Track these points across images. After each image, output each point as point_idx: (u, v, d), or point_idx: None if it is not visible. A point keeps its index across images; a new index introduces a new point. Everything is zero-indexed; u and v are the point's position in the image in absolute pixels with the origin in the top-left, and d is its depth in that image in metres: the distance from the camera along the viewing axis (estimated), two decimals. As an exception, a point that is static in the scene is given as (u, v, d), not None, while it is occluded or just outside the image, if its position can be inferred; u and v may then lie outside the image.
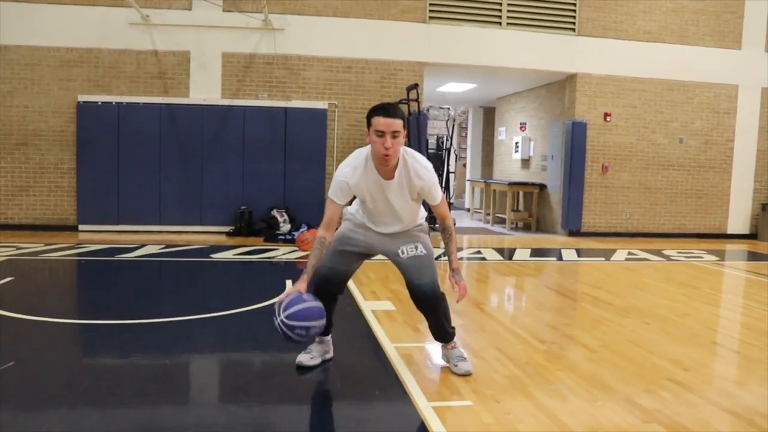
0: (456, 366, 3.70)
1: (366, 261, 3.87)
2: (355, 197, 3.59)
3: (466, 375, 3.64)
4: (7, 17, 9.70)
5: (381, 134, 3.27)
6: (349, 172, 3.42)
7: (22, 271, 6.83)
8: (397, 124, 3.27)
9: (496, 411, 3.20)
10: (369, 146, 3.40)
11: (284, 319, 3.32)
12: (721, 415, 3.23)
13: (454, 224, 3.78)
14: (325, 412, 3.44)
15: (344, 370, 3.82)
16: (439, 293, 3.60)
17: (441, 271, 4.36)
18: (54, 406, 3.17)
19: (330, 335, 3.86)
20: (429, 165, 3.53)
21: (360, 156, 3.45)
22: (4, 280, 6.08)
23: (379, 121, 3.27)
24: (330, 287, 3.61)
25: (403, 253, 3.61)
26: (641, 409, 3.28)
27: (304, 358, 3.75)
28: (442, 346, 3.82)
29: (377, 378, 3.79)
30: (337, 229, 3.56)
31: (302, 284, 3.41)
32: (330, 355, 3.89)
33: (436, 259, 3.83)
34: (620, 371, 3.90)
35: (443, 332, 3.75)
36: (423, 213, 3.75)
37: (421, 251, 3.62)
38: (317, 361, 3.78)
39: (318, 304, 3.41)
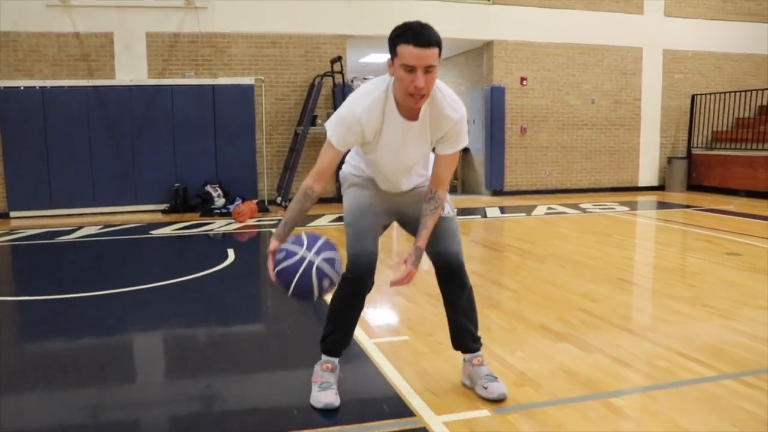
0: (485, 388, 2.84)
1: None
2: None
3: (501, 399, 2.81)
4: None
5: (411, 69, 2.45)
6: (363, 109, 2.56)
7: (-39, 258, 6.89)
8: (433, 54, 2.46)
9: (429, 342, 3.67)
10: (388, 78, 2.62)
11: (322, 261, 2.44)
12: (620, 334, 3.79)
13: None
14: (272, 369, 3.50)
15: (295, 313, 4.18)
16: (465, 268, 2.90)
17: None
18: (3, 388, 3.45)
19: (340, 356, 2.99)
20: (459, 100, 2.72)
21: (377, 89, 2.60)
22: (-52, 266, 6.17)
23: (409, 52, 2.44)
24: (369, 281, 2.77)
25: (425, 213, 2.73)
26: (554, 332, 3.81)
27: (332, 398, 2.81)
28: (466, 361, 3.00)
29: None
30: (324, 184, 2.64)
31: (276, 243, 2.53)
32: (338, 374, 2.98)
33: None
34: (537, 306, 4.44)
35: (469, 333, 2.99)
36: (431, 160, 2.87)
37: (448, 212, 2.86)
38: (339, 397, 2.84)
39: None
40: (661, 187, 13.02)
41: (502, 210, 10.16)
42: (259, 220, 9.28)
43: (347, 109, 2.58)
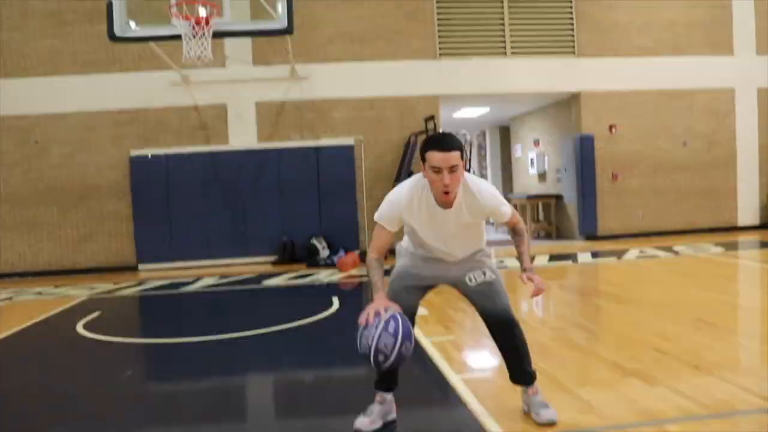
0: (538, 414, 3.29)
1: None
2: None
3: (550, 424, 3.24)
4: (67, 87, 10.98)
5: (438, 170, 3.00)
6: (404, 199, 3.15)
7: (104, 306, 7.89)
8: (455, 156, 2.99)
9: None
10: (418, 175, 3.21)
11: (406, 346, 3.01)
12: (687, 370, 4.09)
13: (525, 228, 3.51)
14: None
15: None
16: (514, 319, 3.36)
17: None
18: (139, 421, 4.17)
19: (392, 392, 3.42)
20: (490, 186, 3.30)
21: (417, 184, 3.17)
22: (94, 314, 7.15)
23: (435, 157, 2.99)
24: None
25: (471, 280, 3.34)
26: (624, 369, 4.17)
27: (364, 424, 3.31)
28: (523, 392, 3.43)
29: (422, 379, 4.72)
30: (385, 255, 3.26)
31: (382, 300, 3.10)
32: (393, 416, 3.41)
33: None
34: (612, 345, 4.79)
35: (521, 370, 3.39)
36: (485, 237, 3.48)
37: (491, 277, 3.37)
38: (378, 424, 3.33)
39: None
40: (764, 226, 12.76)
41: (594, 255, 10.38)
42: (360, 270, 9.96)
43: (392, 197, 3.20)
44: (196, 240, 11.28)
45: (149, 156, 11.20)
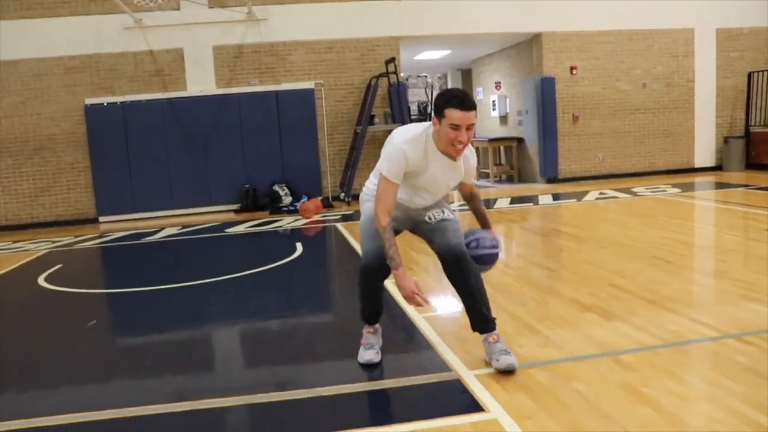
0: (498, 360, 3.25)
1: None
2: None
3: (508, 370, 3.22)
4: (14, 33, 10.53)
5: (456, 127, 3.10)
6: (409, 149, 3.20)
7: (66, 258, 7.79)
8: (473, 116, 3.11)
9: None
10: (423, 125, 3.29)
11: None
12: (641, 304, 4.24)
13: None
14: (341, 361, 3.68)
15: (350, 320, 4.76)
16: (468, 255, 3.38)
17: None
18: (104, 369, 4.18)
19: (378, 322, 3.64)
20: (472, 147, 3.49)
21: (419, 133, 3.25)
22: (57, 266, 7.06)
23: (456, 114, 3.08)
24: (379, 270, 3.37)
25: (430, 219, 3.46)
26: (581, 304, 4.30)
27: (372, 356, 3.49)
28: (484, 340, 3.39)
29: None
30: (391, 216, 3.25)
31: (407, 279, 3.17)
32: (380, 343, 3.62)
33: None
34: (571, 283, 4.92)
35: (480, 314, 3.37)
36: None
37: (449, 215, 3.49)
38: (379, 355, 3.52)
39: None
40: (719, 168, 13.06)
41: (555, 197, 10.53)
42: (324, 216, 9.97)
43: (396, 149, 3.21)
44: (157, 190, 11.12)
45: (105, 104, 10.90)
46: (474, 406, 2.86)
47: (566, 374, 3.14)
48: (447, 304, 4.54)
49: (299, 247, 7.32)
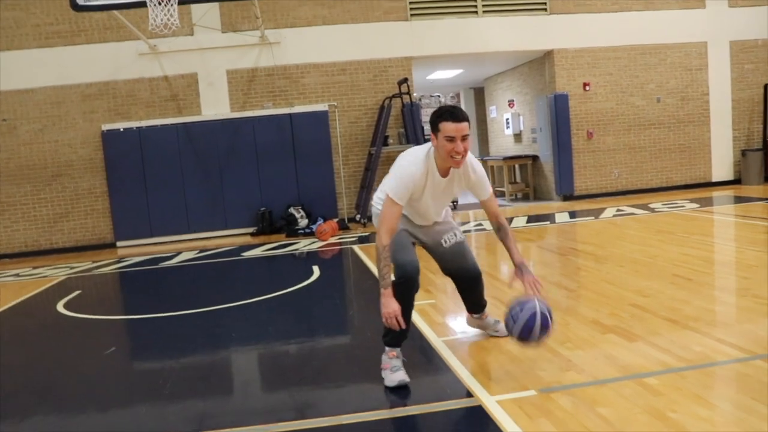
0: (497, 331, 4.07)
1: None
2: None
3: (504, 336, 3.88)
4: (32, 62, 10.71)
5: (452, 139, 3.30)
6: (416, 172, 3.41)
7: (84, 284, 7.83)
8: (466, 126, 3.33)
9: (490, 337, 4.16)
10: (428, 145, 3.50)
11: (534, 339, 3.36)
12: (664, 324, 4.17)
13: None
14: (361, 386, 3.66)
15: (369, 344, 4.73)
16: (480, 272, 3.92)
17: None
18: (121, 396, 4.17)
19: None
20: (477, 161, 3.67)
21: (421, 156, 3.47)
22: (75, 293, 7.09)
23: (449, 127, 3.30)
24: (417, 282, 3.53)
25: (446, 242, 3.79)
26: (602, 325, 4.24)
27: (403, 376, 3.46)
28: (476, 317, 4.13)
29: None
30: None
31: (391, 301, 3.31)
32: (402, 358, 3.64)
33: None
34: (591, 302, 4.86)
35: (480, 305, 4.08)
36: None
37: (460, 238, 3.83)
38: (407, 376, 3.48)
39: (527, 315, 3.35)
40: (737, 181, 12.93)
41: (572, 215, 10.46)
42: (340, 238, 9.96)
43: (404, 173, 3.42)
44: (174, 214, 11.18)
45: (121, 129, 11.02)
46: (497, 433, 2.82)
47: (590, 399, 3.08)
48: (465, 327, 4.50)
49: (316, 270, 7.30)
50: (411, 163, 3.43)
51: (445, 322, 4.76)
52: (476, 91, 17.63)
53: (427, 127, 13.72)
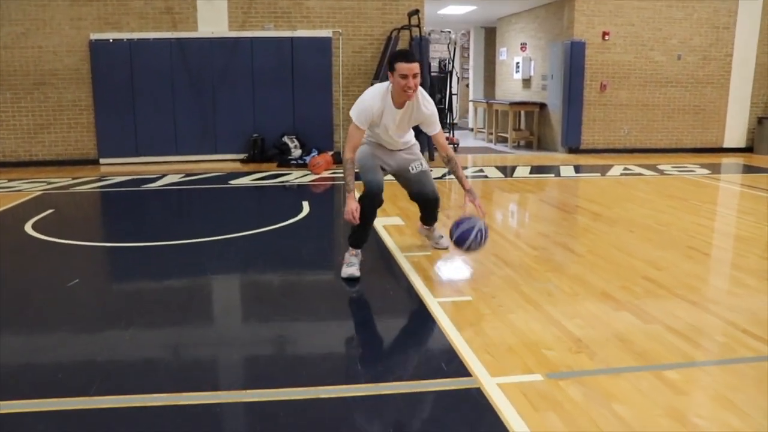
0: (437, 243, 4.93)
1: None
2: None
3: (446, 248, 4.82)
4: (17, -42, 9.95)
5: (405, 76, 3.96)
6: (375, 102, 4.13)
7: (58, 203, 7.38)
8: (417, 66, 3.98)
9: (491, 304, 3.78)
10: (387, 83, 4.15)
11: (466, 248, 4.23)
12: (681, 305, 3.80)
13: (451, 142, 4.74)
14: (343, 319, 3.83)
15: (363, 279, 4.37)
16: (439, 197, 4.71)
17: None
18: (92, 325, 3.78)
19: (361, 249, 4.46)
20: (431, 100, 4.37)
21: (381, 91, 4.17)
22: (47, 212, 6.65)
23: (402, 66, 3.95)
24: (380, 198, 4.32)
25: (413, 169, 4.54)
26: (614, 300, 3.85)
27: (353, 271, 4.30)
28: (427, 229, 4.96)
29: (390, 283, 4.37)
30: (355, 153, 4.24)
31: (353, 201, 4.09)
32: (360, 259, 4.46)
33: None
34: (601, 271, 4.46)
35: (432, 220, 4.87)
36: (412, 134, 4.63)
37: (426, 167, 4.59)
38: (359, 272, 4.31)
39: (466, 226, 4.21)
40: (749, 149, 12.46)
41: (577, 169, 10.01)
42: (333, 172, 9.50)
43: (364, 105, 4.15)
44: (162, 134, 10.64)
45: (110, 40, 10.35)
46: (498, 427, 2.44)
47: (603, 390, 2.71)
48: (462, 287, 4.11)
49: (305, 206, 6.87)
50: (372, 97, 4.16)
51: (437, 277, 4.36)
52: (487, 30, 16.84)
53: (434, 64, 13.10)
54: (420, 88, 4.16)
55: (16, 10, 10.13)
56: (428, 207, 4.71)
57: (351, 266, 4.32)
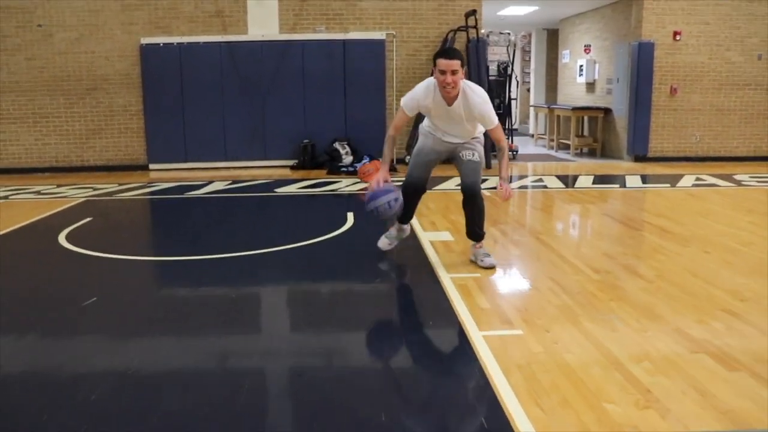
0: (482, 261, 4.62)
1: (428, 191, 4.95)
2: (420, 113, 4.63)
3: (491, 268, 4.56)
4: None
5: (443, 72, 4.16)
6: (421, 93, 4.40)
7: (99, 211, 7.22)
8: (456, 64, 4.16)
9: (545, 340, 3.29)
10: (434, 78, 4.35)
11: (369, 208, 4.41)
12: (773, 346, 3.23)
13: (510, 149, 4.85)
14: (368, 362, 3.35)
15: (402, 300, 3.97)
16: (479, 191, 4.58)
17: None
18: (130, 340, 3.45)
19: (409, 224, 4.94)
20: (485, 96, 4.39)
21: (430, 83, 4.39)
22: (84, 220, 6.46)
23: (441, 63, 4.17)
24: (417, 189, 4.67)
25: (463, 156, 4.58)
26: (690, 339, 3.30)
27: (383, 243, 4.88)
28: (472, 245, 4.75)
29: (432, 307, 3.94)
30: (399, 133, 4.64)
31: (384, 172, 4.43)
32: (407, 233, 5.01)
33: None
34: (674, 301, 3.91)
35: (475, 232, 4.67)
36: (481, 129, 4.63)
37: (476, 158, 4.59)
38: (395, 244, 4.90)
39: (388, 188, 4.41)
40: (835, 158, 11.47)
41: (644, 179, 9.33)
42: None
43: (413, 92, 4.46)
44: (211, 140, 10.47)
45: (161, 44, 10.24)
46: None
47: (680, 463, 2.21)
48: (520, 320, 3.64)
49: (350, 218, 6.48)
50: (420, 87, 4.43)
51: (497, 310, 3.89)
52: (549, 33, 16.17)
53: (492, 67, 12.56)
54: (471, 84, 4.35)
55: (71, 16, 10.13)
56: (469, 201, 4.59)
57: (387, 238, 4.90)
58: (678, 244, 5.37)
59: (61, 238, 5.64)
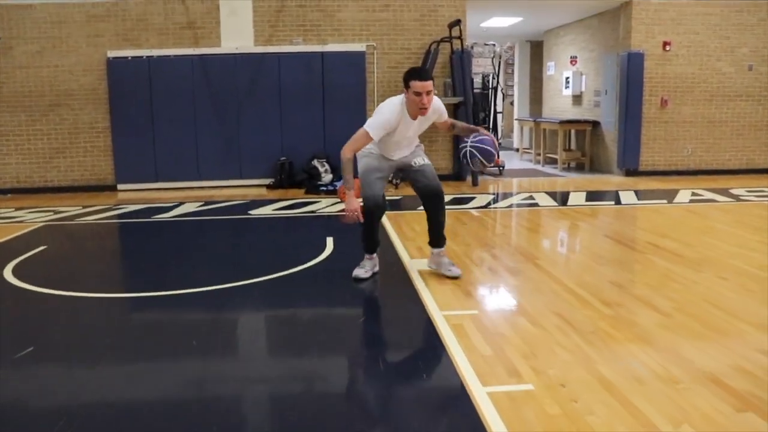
0: (450, 270, 4.64)
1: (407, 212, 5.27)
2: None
3: (457, 277, 4.58)
4: (30, -28, 9.37)
5: (419, 94, 4.16)
6: (393, 118, 4.25)
7: (55, 238, 6.64)
8: (430, 84, 4.20)
9: (561, 397, 2.78)
10: (402, 96, 4.31)
11: (474, 144, 4.41)
12: (828, 398, 2.75)
13: (496, 164, 4.91)
14: (372, 407, 3.00)
15: (392, 344, 3.45)
16: (443, 192, 4.61)
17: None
18: (68, 403, 2.89)
19: (376, 253, 4.74)
20: (439, 101, 4.53)
21: (397, 104, 4.29)
22: (37, 249, 5.88)
23: (416, 84, 4.16)
24: (379, 211, 4.51)
25: (416, 164, 4.61)
26: (731, 392, 2.81)
27: (360, 272, 4.65)
28: (434, 253, 4.71)
29: (426, 355, 3.42)
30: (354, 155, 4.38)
31: (353, 201, 4.28)
32: (377, 269, 4.78)
33: None
34: (699, 341, 3.43)
35: (440, 236, 4.66)
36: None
37: (428, 162, 4.67)
38: (369, 274, 4.68)
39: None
40: (829, 169, 11.18)
41: (638, 194, 8.91)
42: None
43: (383, 117, 4.25)
44: (183, 158, 9.92)
45: (129, 58, 9.69)
46: None
47: None
48: (528, 370, 3.13)
49: (329, 243, 5.95)
50: (389, 113, 4.25)
51: (501, 359, 3.37)
52: (533, 45, 15.84)
53: (476, 79, 12.13)
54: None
55: (32, 27, 9.58)
56: (433, 204, 4.58)
57: (362, 268, 4.67)
58: (690, 269, 4.91)
59: (7, 272, 5.05)
